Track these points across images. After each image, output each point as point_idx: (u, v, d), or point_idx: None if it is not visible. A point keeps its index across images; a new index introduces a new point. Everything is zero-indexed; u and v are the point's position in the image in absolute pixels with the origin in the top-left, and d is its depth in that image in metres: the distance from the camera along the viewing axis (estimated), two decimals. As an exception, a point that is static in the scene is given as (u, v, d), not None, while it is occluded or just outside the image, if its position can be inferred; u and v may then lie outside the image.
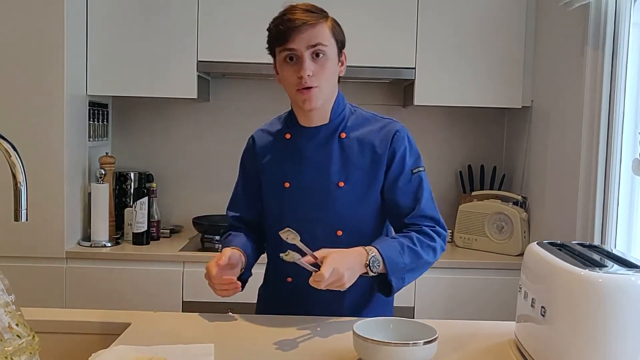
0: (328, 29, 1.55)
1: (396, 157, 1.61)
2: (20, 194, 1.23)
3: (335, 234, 1.60)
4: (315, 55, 1.53)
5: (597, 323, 1.11)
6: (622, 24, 2.14)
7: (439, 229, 1.62)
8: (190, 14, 2.76)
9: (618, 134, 2.15)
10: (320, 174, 1.62)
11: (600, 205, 2.20)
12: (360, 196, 1.61)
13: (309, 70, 1.52)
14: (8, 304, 1.12)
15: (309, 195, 1.62)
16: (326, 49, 1.54)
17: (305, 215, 1.62)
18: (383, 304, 1.68)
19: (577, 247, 1.32)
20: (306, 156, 1.64)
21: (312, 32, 1.52)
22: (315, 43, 1.52)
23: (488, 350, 1.40)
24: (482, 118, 3.19)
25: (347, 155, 1.62)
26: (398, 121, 1.67)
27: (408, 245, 1.55)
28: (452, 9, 2.79)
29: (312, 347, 1.38)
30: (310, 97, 1.55)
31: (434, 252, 1.59)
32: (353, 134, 1.63)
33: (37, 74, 2.57)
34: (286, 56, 1.55)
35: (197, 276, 2.63)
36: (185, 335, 1.43)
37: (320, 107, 1.59)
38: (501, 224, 2.83)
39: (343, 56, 1.63)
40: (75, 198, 2.72)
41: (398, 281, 1.52)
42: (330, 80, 1.58)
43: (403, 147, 1.62)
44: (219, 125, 3.19)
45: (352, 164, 1.61)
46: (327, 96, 1.60)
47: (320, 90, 1.55)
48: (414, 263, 1.54)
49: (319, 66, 1.54)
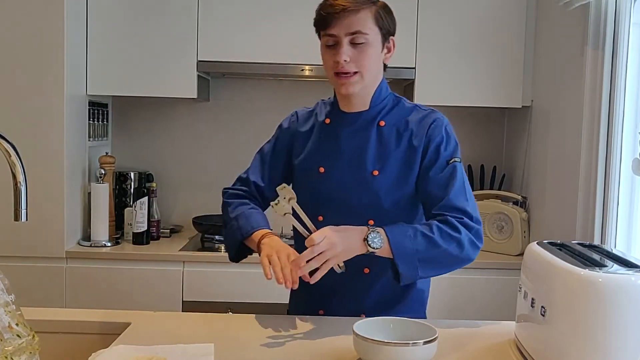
0: (371, 16, 1.53)
1: (431, 146, 1.57)
2: (20, 194, 1.23)
3: (366, 222, 1.56)
4: (355, 42, 1.52)
5: (597, 323, 1.11)
6: (622, 24, 2.14)
7: (468, 221, 1.53)
8: (190, 14, 2.76)
9: (618, 134, 2.15)
10: (355, 161, 1.60)
11: (600, 205, 2.20)
12: (394, 186, 1.58)
13: (346, 55, 1.51)
14: (8, 303, 1.12)
15: (343, 182, 1.60)
16: (366, 36, 1.52)
17: (338, 202, 1.60)
18: (413, 304, 1.64)
19: (577, 247, 1.32)
20: (343, 142, 1.62)
21: (352, 19, 1.50)
22: (354, 30, 1.51)
23: (488, 350, 1.40)
24: (482, 118, 3.19)
25: (384, 144, 1.59)
26: (438, 112, 1.64)
27: (422, 231, 1.49)
28: (452, 8, 2.79)
29: (312, 347, 1.38)
30: (348, 83, 1.54)
31: (458, 244, 1.50)
32: (392, 123, 1.61)
33: (37, 74, 2.57)
34: (327, 41, 1.55)
35: (197, 276, 2.64)
36: (185, 335, 1.43)
37: (360, 93, 1.59)
38: (501, 224, 2.83)
39: (390, 43, 1.61)
40: (75, 198, 2.72)
41: (408, 268, 1.47)
42: (370, 67, 1.55)
43: (440, 136, 1.58)
44: (219, 125, 3.19)
45: (388, 153, 1.59)
46: (368, 82, 1.58)
47: (361, 76, 1.54)
48: (429, 251, 1.48)
49: (357, 52, 1.52)
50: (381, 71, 1.63)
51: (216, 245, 2.79)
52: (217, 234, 2.86)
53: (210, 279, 2.62)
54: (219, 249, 2.74)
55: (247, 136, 3.19)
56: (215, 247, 2.77)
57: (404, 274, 1.48)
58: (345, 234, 1.45)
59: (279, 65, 2.77)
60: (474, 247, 1.54)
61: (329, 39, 1.54)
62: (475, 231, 1.54)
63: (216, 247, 2.77)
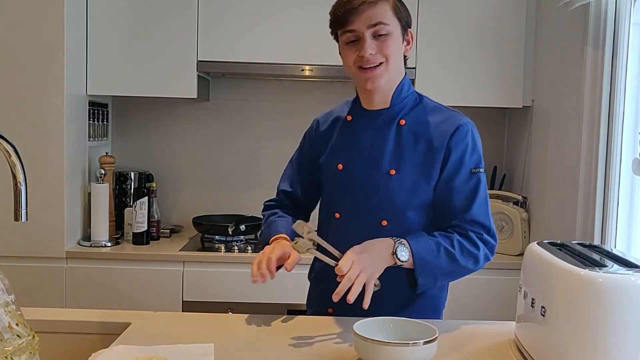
0: (390, 7, 1.51)
1: (454, 154, 1.53)
2: (20, 194, 1.22)
3: (380, 223, 1.55)
4: (377, 34, 1.50)
5: (597, 323, 1.11)
6: (622, 24, 2.14)
7: (487, 237, 1.53)
8: (190, 14, 2.76)
9: (618, 134, 2.15)
10: (373, 160, 1.58)
11: (600, 205, 2.20)
12: (410, 188, 1.55)
13: (370, 49, 1.49)
14: (8, 303, 1.12)
15: (359, 180, 1.59)
16: (388, 27, 1.50)
17: (354, 200, 1.59)
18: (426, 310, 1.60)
19: (577, 247, 1.32)
20: (362, 140, 1.60)
21: (372, 12, 1.49)
22: (375, 22, 1.49)
23: (488, 350, 1.40)
24: (483, 118, 3.18)
25: (403, 143, 1.56)
26: (463, 115, 1.59)
27: (445, 247, 1.49)
28: (452, 9, 2.79)
29: (312, 347, 1.38)
30: (374, 76, 1.52)
31: (475, 260, 1.51)
32: (413, 123, 1.58)
33: (37, 74, 2.57)
34: (348, 38, 1.53)
35: (197, 276, 2.64)
36: (185, 335, 1.43)
37: (383, 88, 1.56)
38: (501, 224, 2.82)
39: (409, 35, 1.58)
40: (75, 198, 2.72)
41: (428, 281, 1.49)
42: (395, 57, 1.53)
43: (464, 144, 1.53)
44: (219, 125, 3.19)
45: (406, 153, 1.56)
46: (392, 74, 1.55)
47: (387, 67, 1.52)
48: (450, 267, 1.49)
49: (380, 43, 1.50)
50: (402, 66, 1.60)
51: (216, 245, 2.79)
52: (217, 234, 2.86)
53: (210, 279, 2.63)
54: (219, 249, 2.74)
55: (247, 136, 3.20)
56: (215, 247, 2.77)
57: (422, 285, 1.49)
58: (373, 251, 1.44)
59: (279, 65, 2.77)
60: (487, 260, 1.56)
61: (350, 35, 1.52)
62: (491, 247, 1.55)
63: (216, 247, 2.77)
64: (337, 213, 1.62)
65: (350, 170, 1.60)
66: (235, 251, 2.71)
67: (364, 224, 1.56)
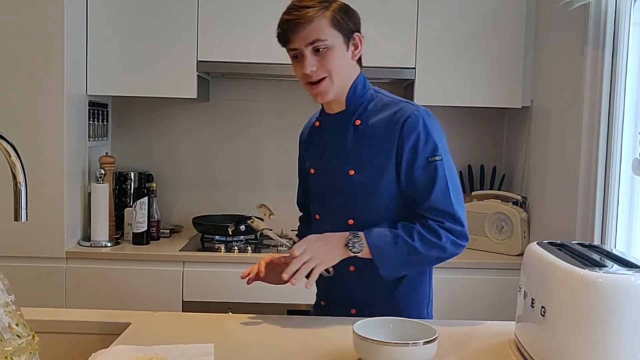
0: (327, 21, 1.52)
1: (406, 145, 1.54)
2: (20, 194, 1.23)
3: (347, 222, 1.60)
4: (317, 49, 1.53)
5: (597, 323, 1.11)
6: (622, 24, 2.14)
7: (450, 225, 1.54)
8: (190, 14, 2.76)
9: (618, 134, 2.15)
10: (336, 162, 1.63)
11: (600, 205, 2.20)
12: (371, 186, 1.58)
13: (311, 65, 1.53)
14: (8, 304, 1.12)
15: (327, 182, 1.65)
16: (327, 42, 1.52)
17: (324, 202, 1.67)
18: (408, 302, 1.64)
19: (577, 247, 1.32)
20: (327, 143, 1.66)
21: (309, 29, 1.51)
22: (312, 40, 1.52)
23: (488, 350, 1.40)
24: (482, 118, 3.19)
25: (360, 143, 1.60)
26: (414, 104, 1.59)
27: (403, 238, 1.52)
28: (452, 8, 2.80)
29: (312, 347, 1.38)
30: (320, 90, 1.56)
31: (440, 248, 1.53)
32: (369, 121, 1.60)
33: (37, 74, 2.57)
34: (292, 55, 1.57)
35: (197, 276, 2.64)
36: (185, 335, 1.43)
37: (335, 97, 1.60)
38: (501, 224, 2.83)
39: (356, 40, 1.59)
40: (75, 198, 2.72)
41: (389, 270, 1.54)
42: (338, 69, 1.55)
43: (415, 134, 1.54)
44: (219, 125, 3.19)
45: (364, 152, 1.59)
46: (340, 84, 1.58)
47: (331, 80, 1.55)
48: (411, 256, 1.53)
49: (321, 58, 1.53)
50: (354, 69, 1.62)
51: (216, 246, 2.79)
52: (217, 234, 2.86)
53: (210, 279, 2.63)
54: (219, 249, 2.74)
55: (247, 136, 3.20)
56: (215, 247, 2.77)
57: (384, 274, 1.55)
58: (326, 241, 1.53)
59: (279, 65, 2.76)
60: (457, 246, 1.56)
61: (293, 52, 1.56)
62: (459, 233, 1.55)
63: (216, 247, 2.77)
64: (317, 214, 1.71)
65: (320, 174, 1.68)
66: (235, 251, 2.71)
67: (335, 224, 1.61)
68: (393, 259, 1.52)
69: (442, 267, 2.62)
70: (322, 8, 1.53)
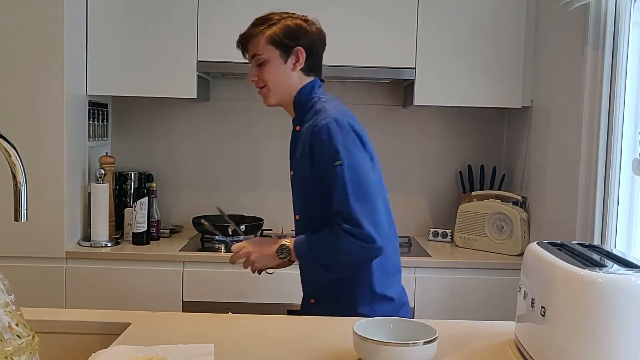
0: (264, 38, 1.76)
1: (314, 153, 1.69)
2: (20, 194, 1.22)
3: (295, 218, 1.85)
4: (258, 62, 1.79)
5: (597, 323, 1.11)
6: (622, 24, 2.14)
7: (348, 227, 1.61)
8: (190, 14, 2.76)
9: (618, 134, 2.15)
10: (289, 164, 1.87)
11: (600, 205, 2.20)
12: (303, 186, 1.78)
13: (252, 75, 1.81)
14: (8, 304, 1.12)
15: (291, 183, 1.86)
16: (264, 56, 1.77)
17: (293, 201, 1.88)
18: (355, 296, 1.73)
19: (577, 247, 1.32)
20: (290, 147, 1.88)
21: (251, 45, 1.80)
22: (252, 54, 1.80)
23: (488, 350, 1.40)
24: (482, 118, 3.19)
25: (296, 147, 1.80)
26: (326, 113, 1.70)
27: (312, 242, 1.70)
28: (452, 9, 2.79)
29: (312, 347, 1.38)
30: (263, 97, 1.84)
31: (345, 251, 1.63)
32: (304, 128, 1.77)
33: (37, 74, 2.57)
34: None
35: (197, 276, 2.64)
36: (185, 335, 1.43)
37: (284, 102, 1.83)
38: (501, 224, 2.83)
39: (298, 53, 1.77)
40: (75, 198, 2.72)
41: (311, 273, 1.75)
42: (274, 80, 1.78)
43: (319, 142, 1.67)
44: (219, 125, 3.19)
45: (297, 155, 1.78)
46: (280, 92, 1.81)
47: (268, 89, 1.80)
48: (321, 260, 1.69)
49: (260, 70, 1.79)
50: (298, 79, 1.80)
51: (216, 246, 2.79)
52: (217, 234, 2.86)
53: (210, 279, 2.62)
54: (219, 249, 2.74)
55: (247, 136, 3.20)
56: (215, 247, 2.77)
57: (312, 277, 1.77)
58: (261, 247, 1.78)
59: (279, 65, 2.76)
60: (364, 249, 1.62)
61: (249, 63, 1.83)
62: (360, 235, 1.61)
63: (216, 247, 2.77)
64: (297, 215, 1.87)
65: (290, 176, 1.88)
66: (235, 251, 2.71)
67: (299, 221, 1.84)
68: (310, 261, 1.70)
69: (442, 266, 2.65)
70: (266, 27, 1.77)
